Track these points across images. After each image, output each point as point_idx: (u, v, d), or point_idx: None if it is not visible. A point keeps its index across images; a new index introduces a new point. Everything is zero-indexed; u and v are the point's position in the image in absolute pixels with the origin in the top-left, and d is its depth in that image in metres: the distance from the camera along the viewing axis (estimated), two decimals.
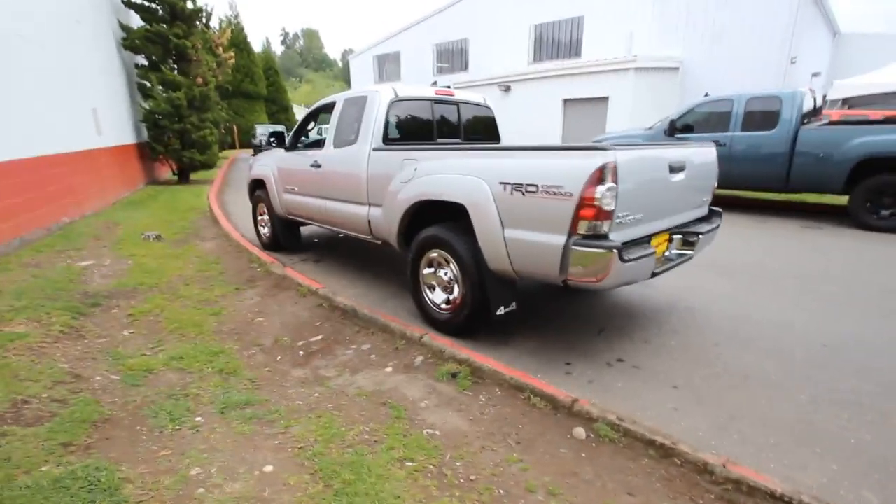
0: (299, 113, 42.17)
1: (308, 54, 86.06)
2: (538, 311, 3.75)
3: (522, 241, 2.75)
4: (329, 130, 4.54)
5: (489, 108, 4.97)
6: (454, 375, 2.75)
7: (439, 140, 4.51)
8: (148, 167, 11.29)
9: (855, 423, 2.29)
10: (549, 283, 2.95)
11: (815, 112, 7.43)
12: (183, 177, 11.80)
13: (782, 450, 2.09)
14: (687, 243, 3.22)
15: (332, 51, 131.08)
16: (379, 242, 4.19)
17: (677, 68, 14.92)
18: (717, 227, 3.48)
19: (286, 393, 2.64)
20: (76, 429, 2.10)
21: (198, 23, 11.00)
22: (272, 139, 5.16)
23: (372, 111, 4.01)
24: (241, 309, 3.87)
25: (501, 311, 3.11)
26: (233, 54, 12.86)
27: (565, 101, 15.58)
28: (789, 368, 2.81)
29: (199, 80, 10.95)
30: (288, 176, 5.17)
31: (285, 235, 5.70)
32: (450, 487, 1.87)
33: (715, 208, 3.66)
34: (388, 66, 25.77)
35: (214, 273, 4.81)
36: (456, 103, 4.59)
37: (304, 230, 6.00)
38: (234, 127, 24.60)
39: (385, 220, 3.79)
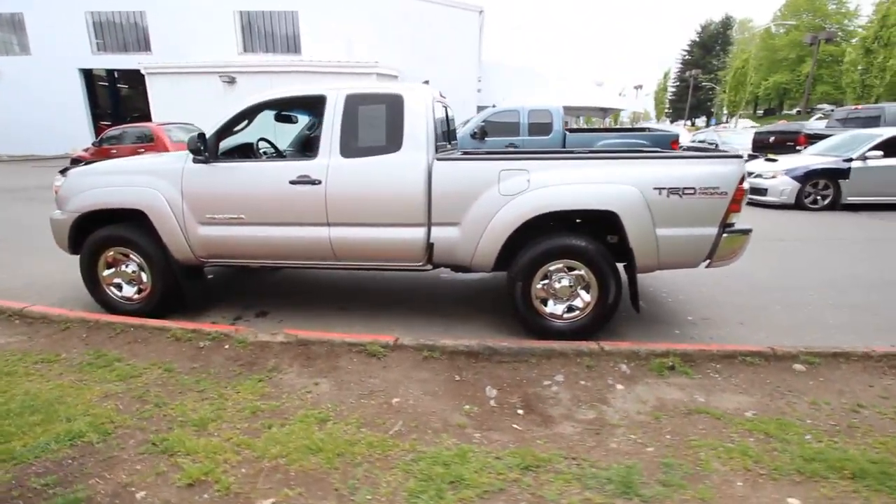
0: None
1: None
2: None
3: (675, 237, 3.23)
4: (324, 134, 3.46)
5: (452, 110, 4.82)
6: (672, 368, 2.98)
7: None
8: None
9: (856, 318, 3.88)
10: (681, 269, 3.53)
11: None
12: None
13: (840, 338, 3.47)
14: None
15: None
16: (429, 269, 3.61)
17: (398, 76, 16.79)
18: None
19: (609, 448, 2.26)
20: None
21: None
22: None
23: (418, 114, 3.40)
24: (341, 403, 2.61)
25: (640, 304, 3.47)
26: None
27: None
28: (760, 295, 4.39)
29: None
30: (219, 201, 3.52)
31: (192, 289, 3.81)
32: (862, 436, 2.31)
33: None
34: None
35: (164, 375, 2.85)
36: (445, 107, 4.29)
37: None
38: None
39: (471, 239, 3.37)
